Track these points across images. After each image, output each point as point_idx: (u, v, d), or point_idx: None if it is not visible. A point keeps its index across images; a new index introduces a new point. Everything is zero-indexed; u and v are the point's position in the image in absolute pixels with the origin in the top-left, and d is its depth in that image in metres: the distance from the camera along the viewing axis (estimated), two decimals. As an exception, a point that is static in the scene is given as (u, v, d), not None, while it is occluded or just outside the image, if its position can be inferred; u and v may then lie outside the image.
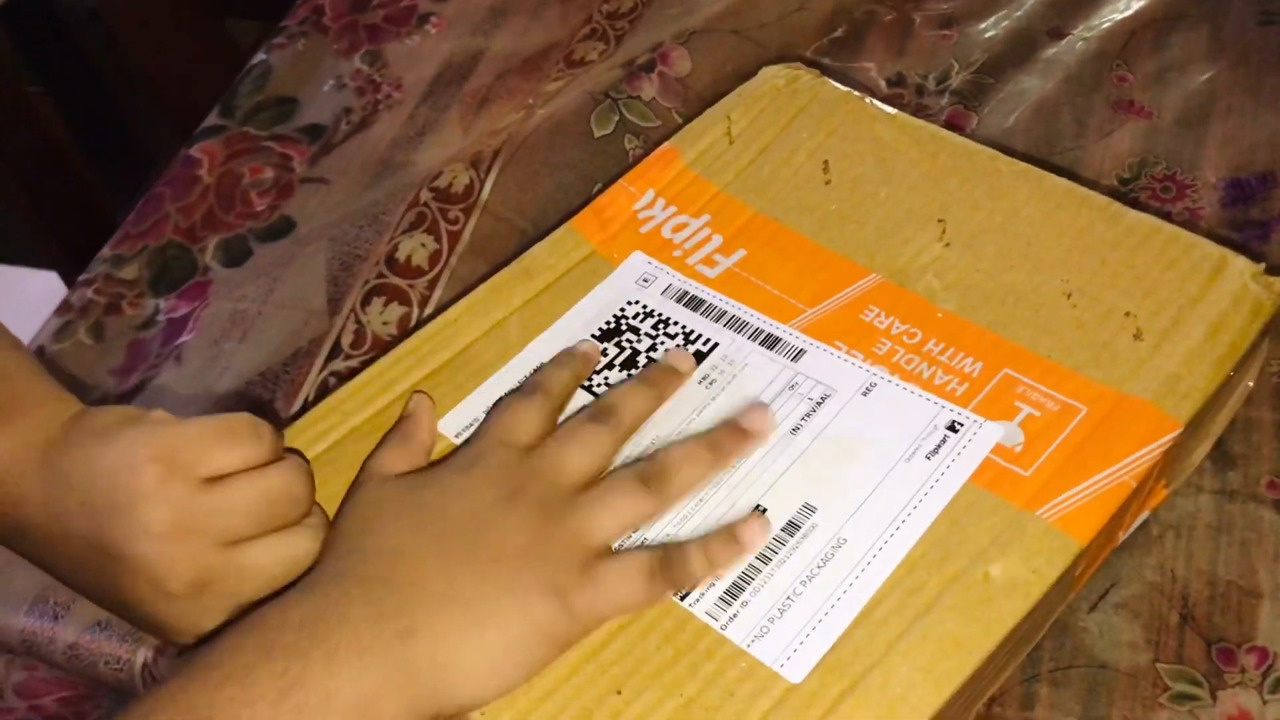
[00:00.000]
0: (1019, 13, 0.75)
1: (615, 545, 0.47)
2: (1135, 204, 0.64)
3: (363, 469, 0.50)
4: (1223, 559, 0.52)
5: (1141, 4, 0.73)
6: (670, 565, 0.46)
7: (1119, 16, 0.74)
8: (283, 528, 0.46)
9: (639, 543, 0.48)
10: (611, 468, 0.49)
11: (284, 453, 0.48)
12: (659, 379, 0.52)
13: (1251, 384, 0.54)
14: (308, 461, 0.49)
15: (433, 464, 0.50)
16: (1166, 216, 0.63)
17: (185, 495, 0.44)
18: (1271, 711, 0.48)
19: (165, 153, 0.81)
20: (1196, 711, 0.48)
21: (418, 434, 0.51)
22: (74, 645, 0.58)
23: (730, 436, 0.49)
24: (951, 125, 0.70)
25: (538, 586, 0.44)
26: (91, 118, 1.23)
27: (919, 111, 0.71)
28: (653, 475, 0.48)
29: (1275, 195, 0.63)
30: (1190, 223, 0.63)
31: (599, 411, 0.50)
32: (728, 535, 0.46)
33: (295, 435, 0.52)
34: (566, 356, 0.53)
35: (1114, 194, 0.65)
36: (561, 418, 0.51)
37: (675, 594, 0.46)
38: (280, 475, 0.46)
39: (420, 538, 0.45)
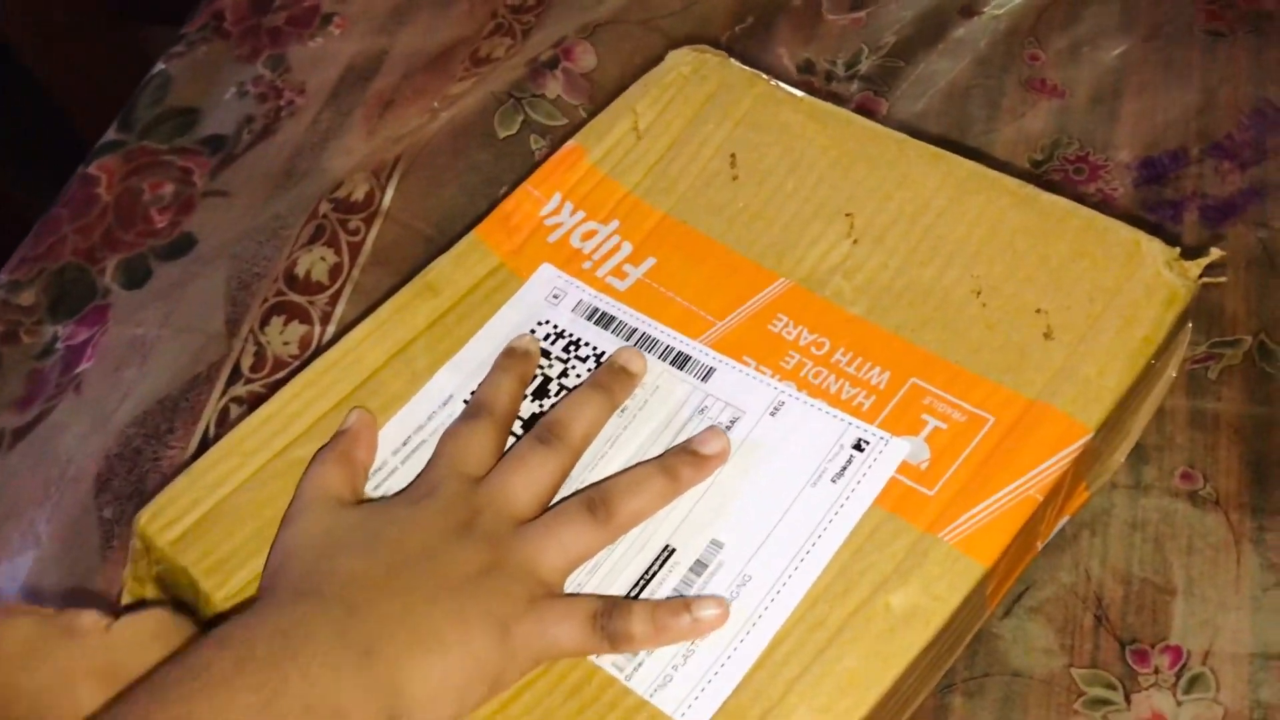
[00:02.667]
0: (931, -10, 0.73)
1: (569, 578, 0.47)
2: (1049, 186, 0.63)
3: (301, 490, 0.49)
4: (1137, 556, 0.51)
5: (1054, -23, 0.72)
6: (612, 617, 0.44)
7: (1032, -9, 0.72)
8: None
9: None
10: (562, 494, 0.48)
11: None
12: (609, 383, 0.50)
13: (1175, 374, 0.52)
14: None
15: (386, 498, 0.49)
16: (1079, 199, 0.62)
17: None
18: (1186, 713, 0.47)
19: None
20: (1110, 716, 0.47)
21: (356, 452, 0.50)
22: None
23: (683, 460, 0.47)
24: (862, 112, 0.68)
25: (480, 617, 0.44)
26: (9, 126, 1.20)
27: (828, 98, 0.69)
28: (600, 504, 0.46)
29: (1188, 174, 0.62)
30: (1103, 205, 0.62)
31: (545, 430, 0.48)
32: (680, 605, 0.44)
33: (195, 479, 0.50)
34: (506, 361, 0.51)
35: (1026, 177, 0.64)
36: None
37: (612, 649, 0.44)
38: None
39: (375, 565, 0.45)
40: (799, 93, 0.58)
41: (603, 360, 0.52)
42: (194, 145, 0.76)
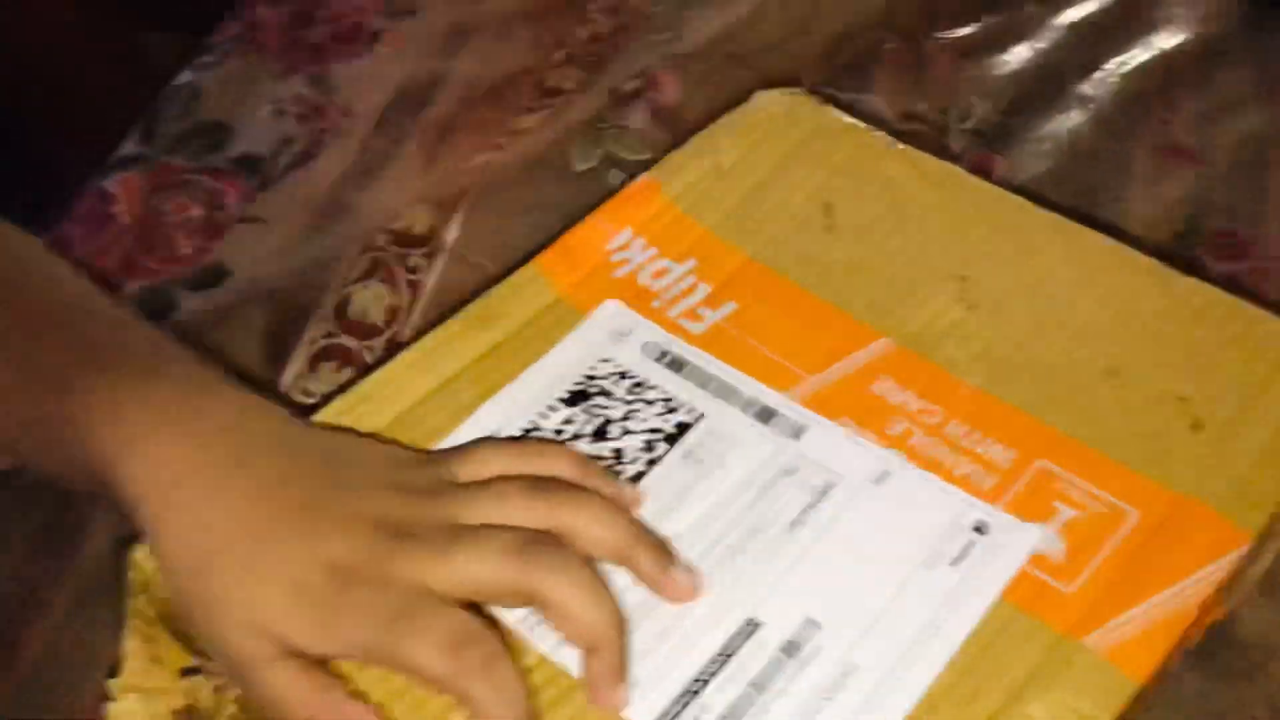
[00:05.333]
0: (1043, 44, 0.68)
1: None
2: (1194, 262, 0.58)
3: None
4: (1340, 695, 0.45)
5: (1182, 36, 0.67)
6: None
7: (1156, 51, 0.67)
8: None
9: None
10: None
11: None
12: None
13: None
14: None
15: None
16: (1232, 277, 0.57)
17: None
18: None
19: (73, 183, 0.71)
20: None
21: None
22: None
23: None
24: (976, 171, 0.63)
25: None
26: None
27: (937, 153, 0.64)
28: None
29: (1351, 256, 0.57)
30: (1259, 286, 0.57)
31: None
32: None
33: None
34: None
35: (1169, 250, 0.58)
36: None
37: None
38: None
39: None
40: (903, 145, 0.53)
41: (672, 407, 0.47)
42: (226, 165, 0.69)
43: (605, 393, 0.48)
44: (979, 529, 0.43)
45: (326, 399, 0.55)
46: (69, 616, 0.53)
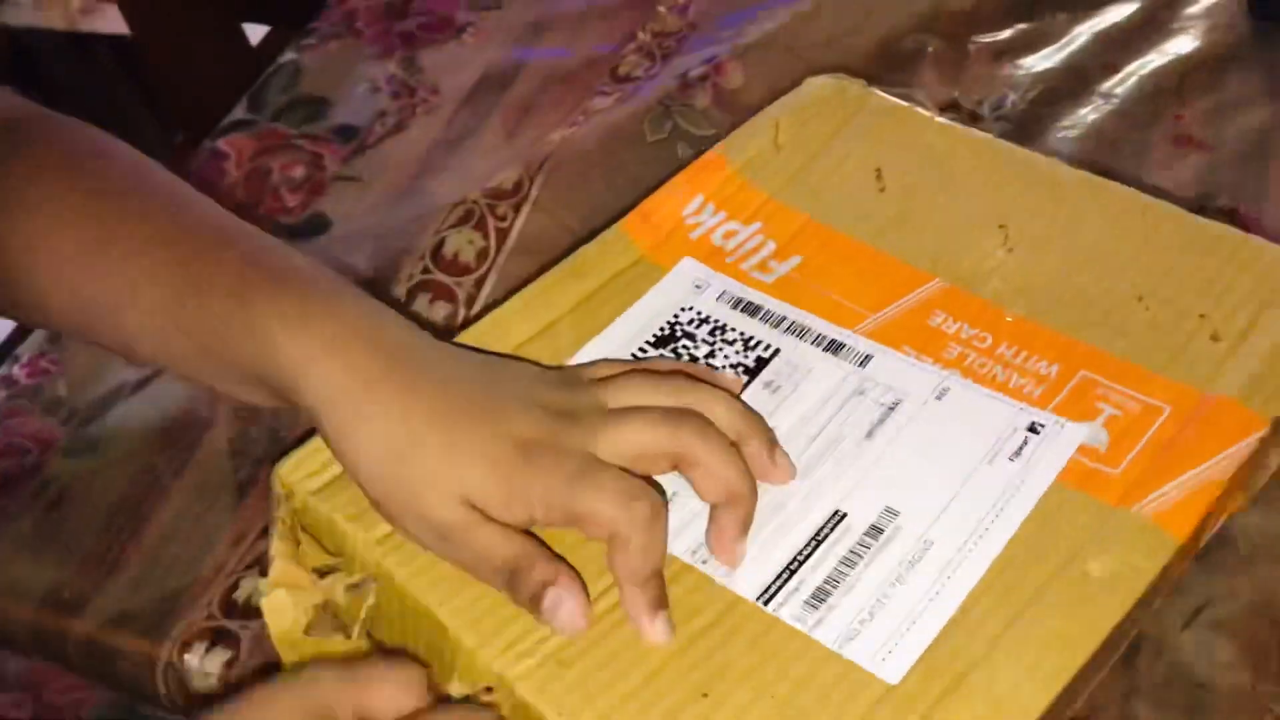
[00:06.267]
0: (1072, 47, 0.75)
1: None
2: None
3: None
4: (1322, 581, 0.51)
5: (1195, 44, 0.74)
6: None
7: (1171, 56, 0.74)
8: None
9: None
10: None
11: None
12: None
13: None
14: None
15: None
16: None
17: None
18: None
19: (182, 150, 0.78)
20: (1305, 732, 0.47)
21: None
22: (90, 640, 0.54)
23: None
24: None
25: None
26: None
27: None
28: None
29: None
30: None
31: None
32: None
33: (310, 456, 0.49)
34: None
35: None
36: None
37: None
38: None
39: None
40: (943, 119, 0.60)
41: (750, 345, 0.52)
42: (325, 133, 0.77)
43: (689, 335, 0.53)
44: (1033, 429, 0.48)
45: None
46: (188, 503, 0.59)
